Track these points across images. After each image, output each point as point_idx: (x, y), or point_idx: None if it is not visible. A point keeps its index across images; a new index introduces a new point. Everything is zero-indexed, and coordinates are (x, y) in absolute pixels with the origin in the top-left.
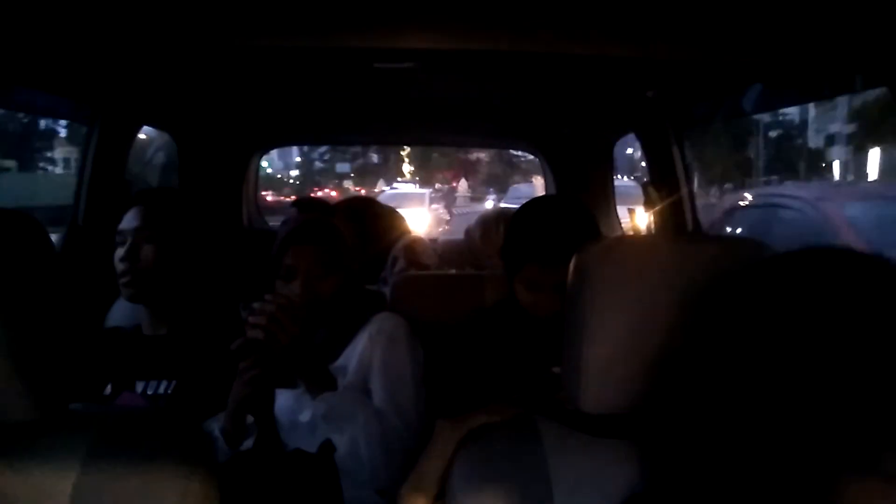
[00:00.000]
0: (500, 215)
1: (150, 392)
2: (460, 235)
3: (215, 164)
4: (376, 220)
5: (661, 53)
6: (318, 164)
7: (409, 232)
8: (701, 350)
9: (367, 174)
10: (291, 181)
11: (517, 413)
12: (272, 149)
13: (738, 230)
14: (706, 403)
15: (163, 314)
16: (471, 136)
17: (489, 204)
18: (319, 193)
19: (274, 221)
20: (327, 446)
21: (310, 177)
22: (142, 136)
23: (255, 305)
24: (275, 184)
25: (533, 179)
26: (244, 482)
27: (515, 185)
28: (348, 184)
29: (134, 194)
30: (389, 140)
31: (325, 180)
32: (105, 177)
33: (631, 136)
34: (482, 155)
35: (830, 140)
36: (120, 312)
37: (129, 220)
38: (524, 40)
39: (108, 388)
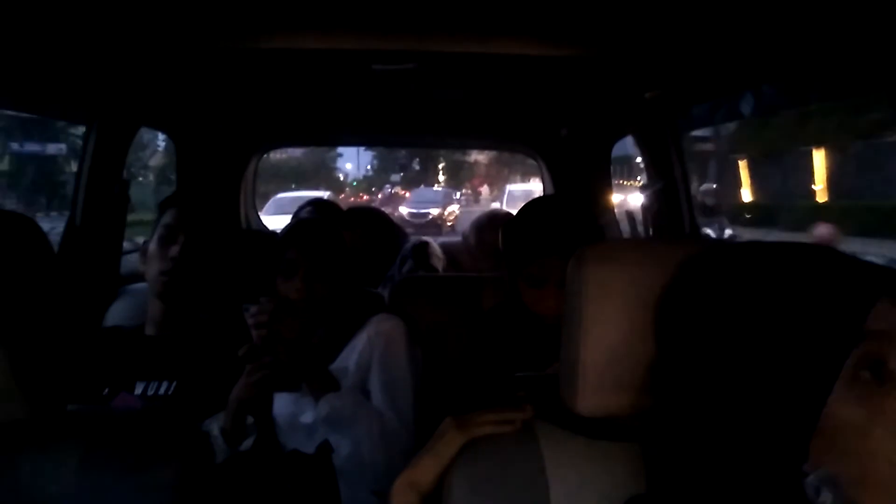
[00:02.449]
0: (493, 218)
1: (149, 393)
2: None
3: (213, 165)
4: (378, 226)
5: (661, 54)
6: (380, 173)
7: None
8: (679, 349)
9: (411, 181)
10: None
11: (526, 420)
12: (270, 150)
13: None
14: (698, 404)
15: (176, 314)
16: (469, 138)
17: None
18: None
19: None
20: (325, 447)
21: (373, 182)
22: None
23: (253, 309)
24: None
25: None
26: (242, 482)
27: (418, 189)
28: (397, 188)
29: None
30: (387, 142)
31: (379, 185)
32: (103, 178)
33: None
34: (504, 166)
35: None
36: (118, 313)
37: (179, 216)
38: (522, 42)
39: (108, 389)
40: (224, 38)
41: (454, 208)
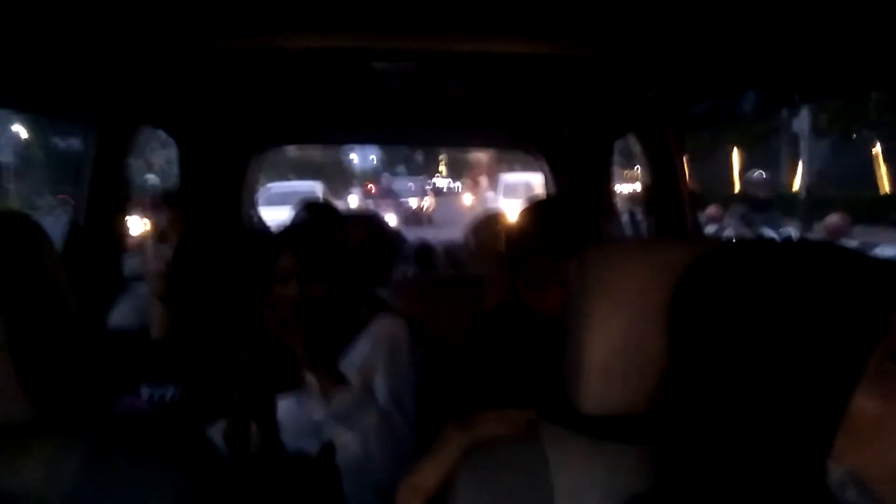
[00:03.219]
0: (492, 219)
1: (155, 396)
2: None
3: (215, 164)
4: (377, 226)
5: (662, 53)
6: (385, 165)
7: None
8: (697, 346)
9: (415, 172)
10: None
11: (529, 422)
12: (271, 149)
13: None
14: (718, 401)
15: (177, 315)
16: (470, 137)
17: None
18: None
19: None
20: (328, 448)
21: (378, 174)
22: None
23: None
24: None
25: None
26: (246, 484)
27: (393, 180)
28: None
29: (170, 193)
30: (388, 140)
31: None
32: (106, 177)
33: None
34: (503, 161)
35: None
36: (121, 314)
37: (172, 217)
38: (522, 41)
39: (113, 392)
40: (224, 37)
41: (430, 199)
